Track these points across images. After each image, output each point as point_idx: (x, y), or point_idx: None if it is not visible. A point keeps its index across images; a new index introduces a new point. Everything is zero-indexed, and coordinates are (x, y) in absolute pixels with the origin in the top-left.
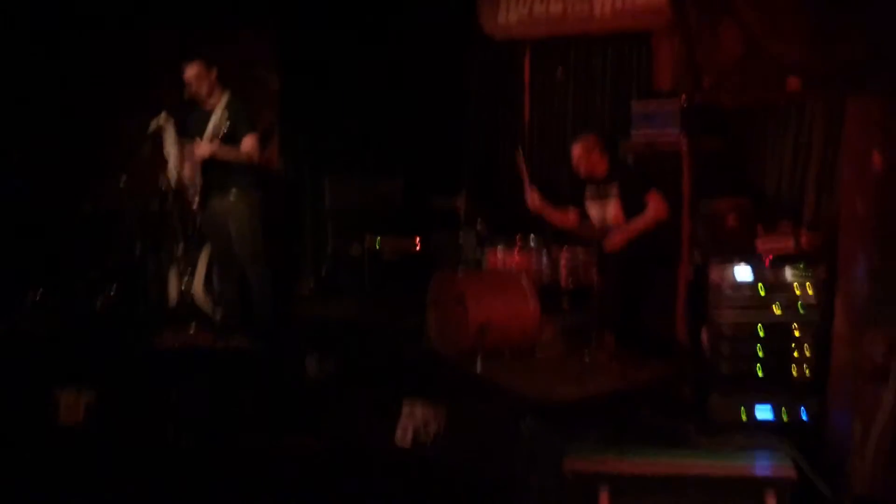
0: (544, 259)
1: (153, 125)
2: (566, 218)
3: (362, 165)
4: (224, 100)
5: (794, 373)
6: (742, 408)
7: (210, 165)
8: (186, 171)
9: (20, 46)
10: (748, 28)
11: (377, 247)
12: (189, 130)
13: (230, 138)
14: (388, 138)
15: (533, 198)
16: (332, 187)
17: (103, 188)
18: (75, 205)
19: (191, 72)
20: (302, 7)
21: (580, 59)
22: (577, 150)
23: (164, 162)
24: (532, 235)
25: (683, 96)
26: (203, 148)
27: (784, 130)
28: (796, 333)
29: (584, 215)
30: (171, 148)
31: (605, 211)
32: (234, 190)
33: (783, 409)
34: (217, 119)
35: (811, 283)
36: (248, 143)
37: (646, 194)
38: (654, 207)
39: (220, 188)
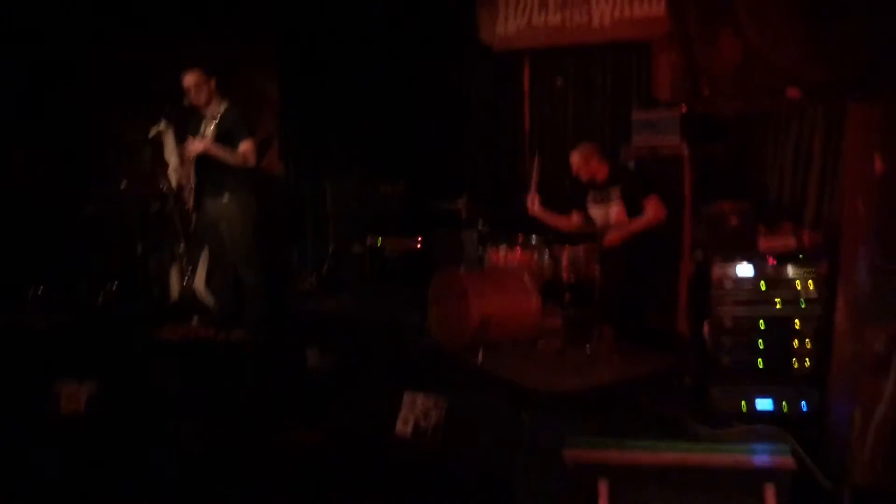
0: (546, 256)
1: (153, 132)
2: (568, 222)
3: (363, 170)
4: (223, 108)
5: (795, 365)
6: (742, 399)
7: (204, 166)
8: (183, 173)
9: (22, 48)
10: (747, 39)
11: (378, 244)
12: (187, 134)
13: (226, 141)
14: (389, 144)
15: (533, 202)
16: (332, 191)
17: (105, 191)
18: (77, 207)
19: (190, 79)
20: (301, 16)
21: (580, 68)
22: (576, 159)
23: (164, 166)
24: (533, 235)
25: (683, 105)
26: (195, 144)
27: (785, 135)
28: (797, 327)
29: (587, 218)
30: (170, 154)
31: (607, 213)
32: (226, 193)
33: (783, 401)
34: (214, 123)
35: (813, 279)
36: (245, 147)
37: (644, 198)
38: (652, 211)
39: (213, 190)
